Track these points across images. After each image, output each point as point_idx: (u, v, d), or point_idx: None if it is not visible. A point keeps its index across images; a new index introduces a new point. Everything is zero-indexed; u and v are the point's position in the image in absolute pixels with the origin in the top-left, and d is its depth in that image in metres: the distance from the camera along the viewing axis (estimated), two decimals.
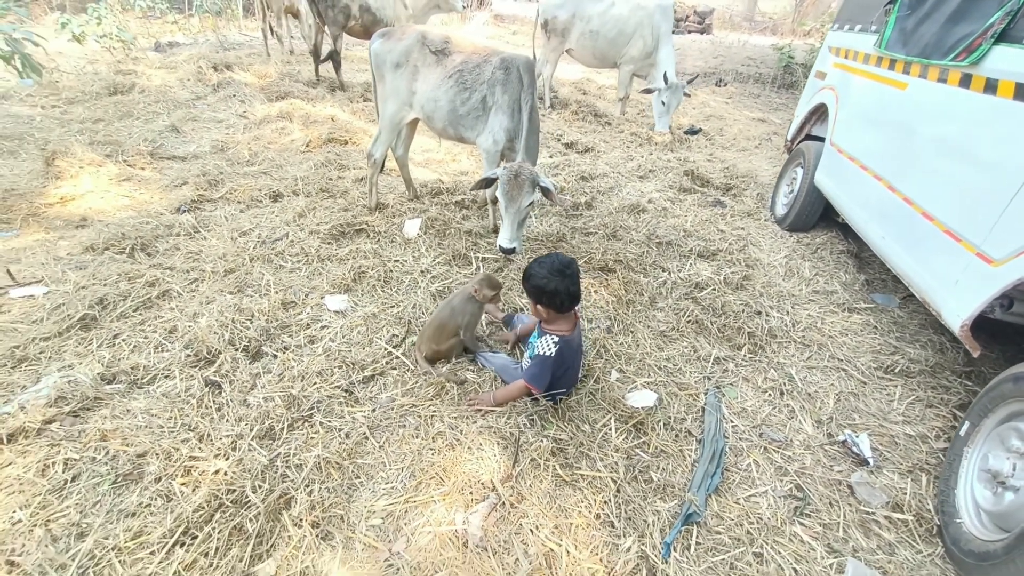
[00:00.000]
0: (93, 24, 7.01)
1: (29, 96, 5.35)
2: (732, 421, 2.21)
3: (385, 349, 2.36)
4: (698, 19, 15.55)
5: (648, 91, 6.15)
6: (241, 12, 10.72)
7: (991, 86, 2.08)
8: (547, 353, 1.96)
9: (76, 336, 2.31)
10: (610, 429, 2.07)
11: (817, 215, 3.86)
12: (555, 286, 1.91)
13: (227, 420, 1.94)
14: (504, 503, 1.74)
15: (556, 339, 1.96)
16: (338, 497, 1.72)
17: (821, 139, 3.79)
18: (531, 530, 1.67)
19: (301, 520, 1.63)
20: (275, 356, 2.29)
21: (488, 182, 2.80)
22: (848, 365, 2.57)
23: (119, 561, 1.46)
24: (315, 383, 2.14)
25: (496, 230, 3.49)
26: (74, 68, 6.44)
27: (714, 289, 3.03)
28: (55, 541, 1.51)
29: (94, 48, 7.24)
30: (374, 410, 2.06)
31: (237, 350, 2.27)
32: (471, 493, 1.77)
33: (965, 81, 2.24)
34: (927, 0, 2.66)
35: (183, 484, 1.69)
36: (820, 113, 3.94)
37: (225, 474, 1.72)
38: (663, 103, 5.94)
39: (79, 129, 4.66)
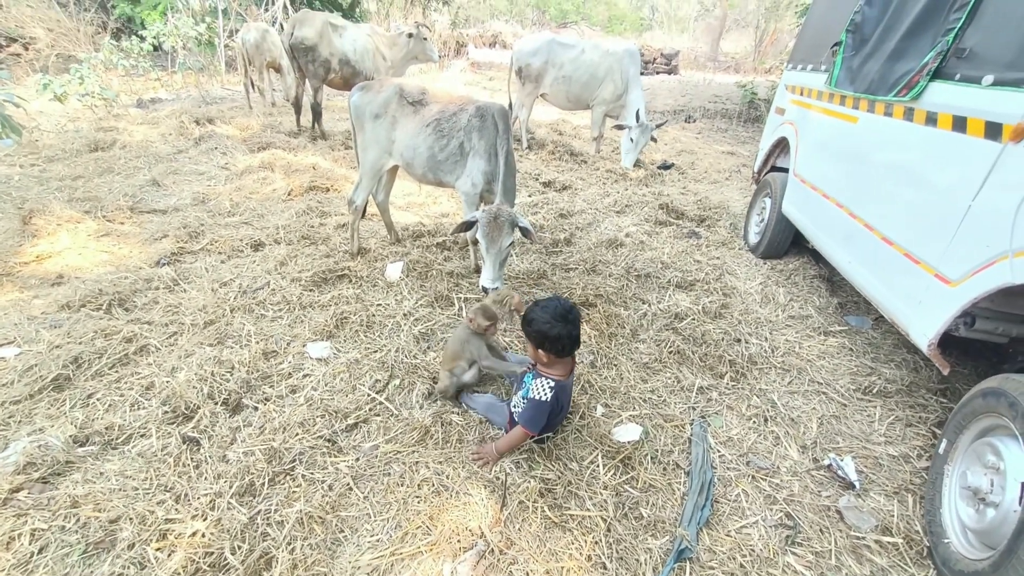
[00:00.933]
0: (75, 84, 7.13)
1: (8, 156, 5.37)
2: (719, 451, 2.22)
3: (368, 395, 2.34)
4: (665, 60, 16.41)
5: (620, 127, 6.42)
6: (223, 67, 11.01)
7: (931, 119, 2.23)
8: (542, 398, 1.95)
9: (48, 398, 2.25)
10: (597, 466, 2.06)
11: (788, 242, 4.00)
12: (559, 332, 1.92)
13: (205, 478, 1.89)
14: (493, 550, 1.70)
15: (552, 383, 1.96)
16: (321, 554, 1.67)
17: (785, 170, 3.97)
18: None
19: None
20: (256, 408, 2.25)
21: (468, 225, 2.86)
22: (828, 388, 2.61)
23: None
24: (297, 434, 2.10)
25: (477, 270, 3.54)
26: (55, 127, 6.50)
27: (694, 319, 3.09)
28: None
29: (76, 106, 7.34)
30: (358, 459, 2.03)
31: (216, 404, 2.23)
32: (459, 541, 1.73)
33: (909, 114, 2.40)
34: (869, 41, 2.88)
35: (158, 549, 1.62)
36: (782, 146, 4.14)
37: (203, 536, 1.66)
38: (631, 140, 6.20)
39: (58, 187, 4.67)
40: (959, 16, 2.16)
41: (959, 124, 2.06)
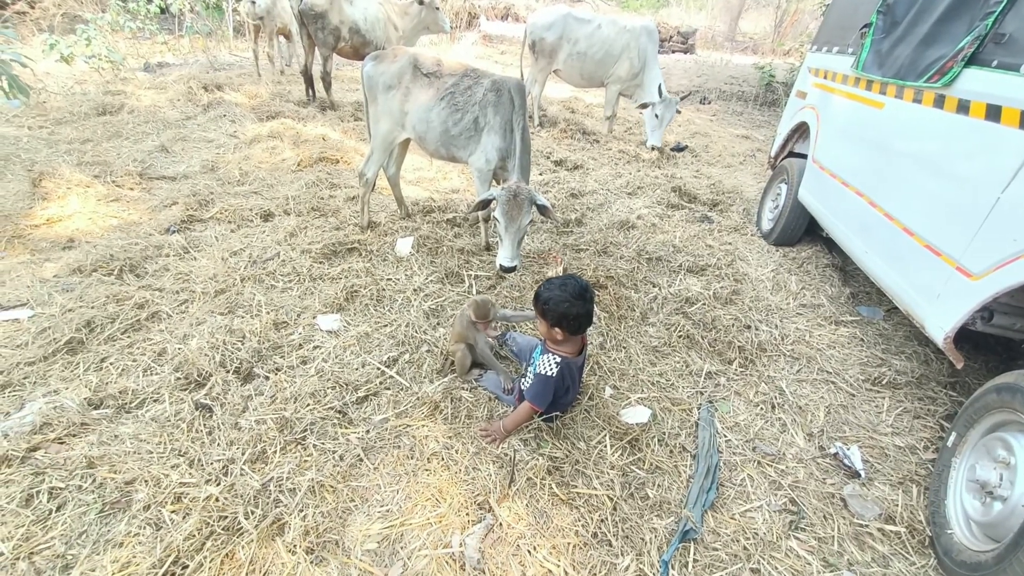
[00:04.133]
0: (82, 45, 7.01)
1: (16, 117, 5.32)
2: (725, 435, 2.23)
3: (379, 369, 2.35)
4: (681, 39, 15.97)
5: (644, 106, 6.24)
6: (232, 33, 10.79)
7: (963, 107, 2.16)
8: (548, 373, 1.95)
9: (62, 360, 2.28)
10: (605, 446, 2.07)
11: (802, 230, 3.95)
12: (578, 311, 1.91)
13: (218, 444, 1.91)
14: (501, 524, 1.73)
15: (558, 360, 1.96)
16: (332, 521, 1.70)
17: (803, 156, 3.89)
18: (528, 551, 1.66)
19: (295, 546, 1.60)
20: (267, 377, 2.27)
21: (485, 203, 2.83)
22: (837, 377, 2.61)
23: None
24: (308, 404, 2.12)
25: (488, 247, 3.52)
26: (62, 89, 6.43)
27: (704, 304, 3.07)
28: (39, 574, 1.47)
29: (83, 69, 7.24)
30: (368, 431, 2.05)
31: (228, 372, 2.24)
32: (467, 514, 1.75)
33: (939, 102, 2.33)
34: (901, 24, 2.78)
35: (173, 511, 1.65)
36: (802, 131, 4.05)
37: (216, 500, 1.69)
38: (656, 116, 6.03)
39: (67, 150, 4.63)
40: None
41: (993, 113, 2.00)
